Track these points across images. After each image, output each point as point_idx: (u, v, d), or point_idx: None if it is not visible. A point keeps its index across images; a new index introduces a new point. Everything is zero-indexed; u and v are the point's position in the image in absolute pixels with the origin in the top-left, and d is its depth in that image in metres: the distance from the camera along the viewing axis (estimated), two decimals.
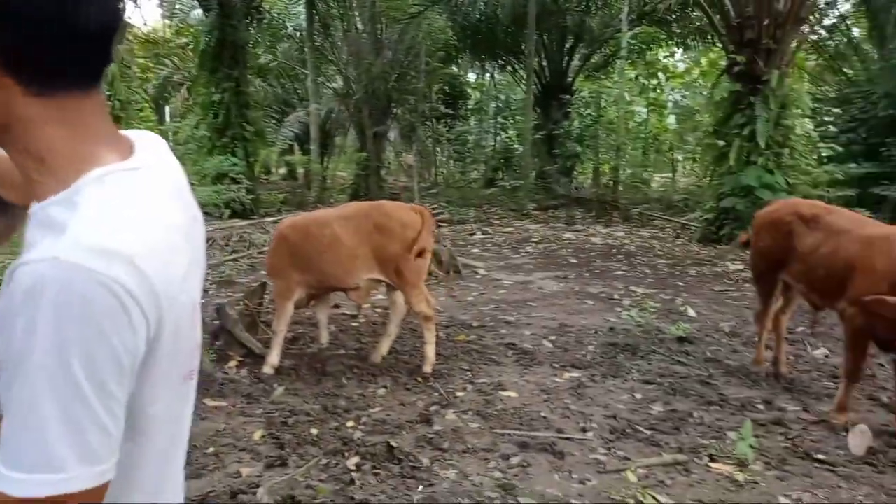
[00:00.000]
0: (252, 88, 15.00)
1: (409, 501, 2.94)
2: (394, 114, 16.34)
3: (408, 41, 15.45)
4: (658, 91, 19.06)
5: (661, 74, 19.26)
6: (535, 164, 16.89)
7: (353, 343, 5.24)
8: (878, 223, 4.20)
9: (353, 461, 3.26)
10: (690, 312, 6.15)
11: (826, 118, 12.91)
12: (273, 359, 4.48)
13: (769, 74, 9.96)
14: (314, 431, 3.60)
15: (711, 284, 7.54)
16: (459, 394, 4.17)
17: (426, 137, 18.91)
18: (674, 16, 16.59)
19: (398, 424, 3.69)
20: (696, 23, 16.09)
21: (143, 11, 27.07)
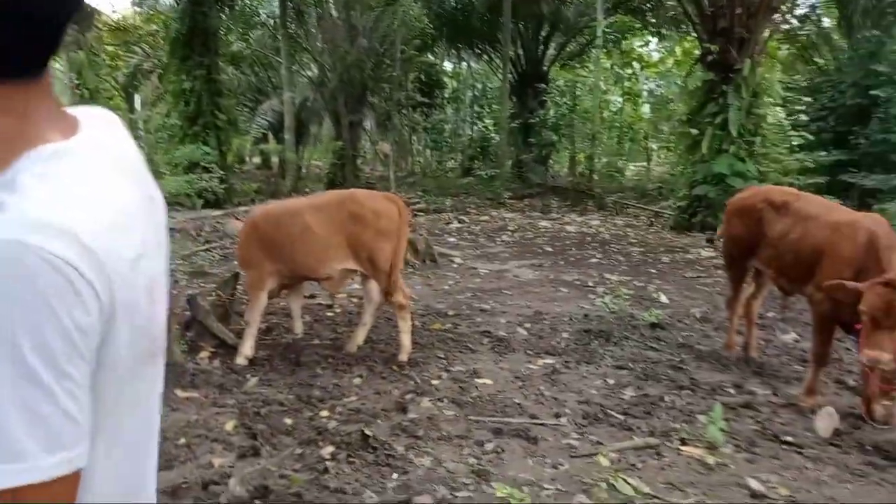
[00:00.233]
0: (224, 76, 14.74)
1: (384, 489, 2.93)
2: (369, 102, 16.18)
3: (383, 29, 15.29)
4: (633, 80, 19.19)
5: (636, 64, 19.38)
6: (512, 153, 16.92)
7: (328, 333, 5.21)
8: (846, 209, 4.28)
9: (328, 450, 3.25)
10: (663, 299, 6.22)
11: (797, 107, 13.09)
12: (246, 349, 4.43)
13: (741, 63, 10.07)
14: (288, 421, 3.57)
15: (683, 271, 7.63)
16: (435, 382, 4.17)
17: (402, 126, 18.79)
18: (648, 5, 16.70)
19: (373, 413, 3.68)
20: (671, 12, 16.20)
21: None
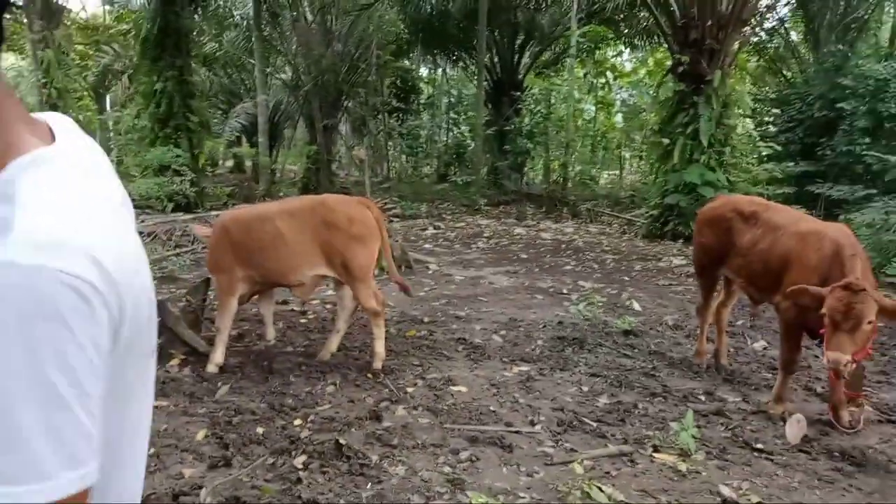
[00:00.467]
0: (197, 78, 14.59)
1: (358, 499, 2.90)
2: (344, 107, 16.14)
3: (358, 33, 15.28)
4: (606, 89, 19.39)
5: (610, 73, 19.60)
6: (487, 160, 16.98)
7: (302, 340, 5.15)
8: (813, 219, 4.37)
9: (301, 460, 3.20)
10: (636, 306, 6.28)
11: (766, 118, 13.40)
12: (217, 357, 4.35)
13: (712, 75, 10.26)
14: (260, 430, 3.51)
15: (656, 279, 7.72)
16: (409, 389, 4.14)
17: (378, 131, 18.74)
18: (622, 15, 16.92)
19: (347, 421, 3.64)
20: (644, 23, 16.45)
21: None
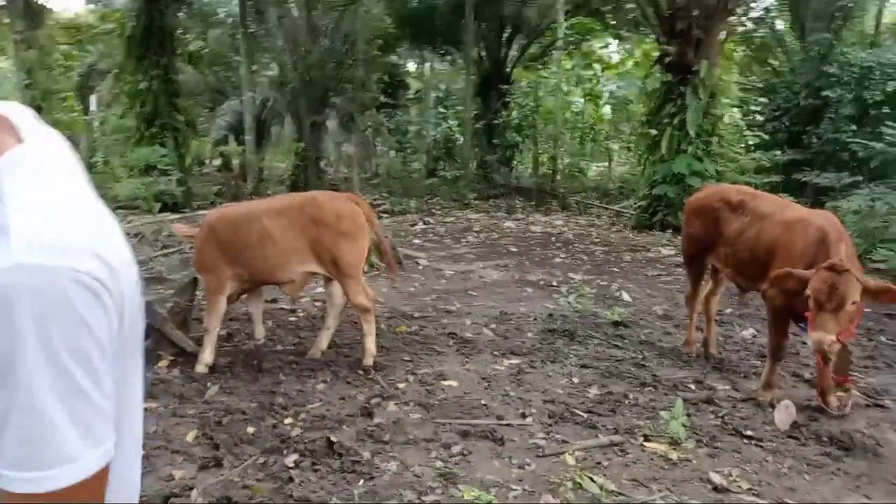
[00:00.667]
0: (182, 76, 14.47)
1: (350, 496, 2.89)
2: (332, 103, 16.04)
3: (345, 28, 15.17)
4: (594, 81, 19.39)
5: (597, 65, 19.59)
6: (476, 154, 16.96)
7: (291, 338, 5.13)
8: (799, 207, 4.39)
9: (292, 458, 3.19)
10: (626, 297, 6.30)
11: (752, 107, 13.44)
12: (206, 357, 4.33)
13: (699, 65, 10.27)
14: (250, 430, 3.50)
15: (645, 270, 7.75)
16: (401, 385, 4.14)
17: (366, 127, 18.67)
18: (609, 7, 16.91)
19: (338, 419, 3.63)
20: (630, 14, 16.44)
21: None
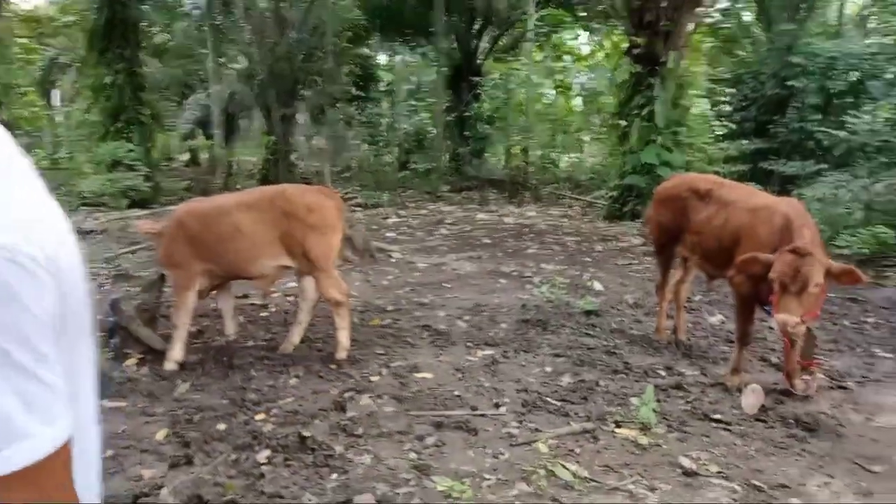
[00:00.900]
0: (147, 70, 14.17)
1: (323, 491, 2.88)
2: (301, 96, 15.85)
3: (314, 20, 14.99)
4: (564, 73, 19.46)
5: (567, 57, 19.68)
6: (448, 147, 16.91)
7: (263, 333, 5.08)
8: (765, 195, 4.48)
9: (264, 454, 3.16)
10: (597, 286, 6.36)
11: (720, 98, 13.61)
12: (175, 354, 4.26)
13: (667, 56, 10.37)
14: (221, 427, 3.46)
15: (616, 259, 7.83)
16: (374, 378, 4.12)
17: (337, 120, 18.50)
18: None
19: (311, 414, 3.61)
20: (600, 5, 16.50)
21: None
